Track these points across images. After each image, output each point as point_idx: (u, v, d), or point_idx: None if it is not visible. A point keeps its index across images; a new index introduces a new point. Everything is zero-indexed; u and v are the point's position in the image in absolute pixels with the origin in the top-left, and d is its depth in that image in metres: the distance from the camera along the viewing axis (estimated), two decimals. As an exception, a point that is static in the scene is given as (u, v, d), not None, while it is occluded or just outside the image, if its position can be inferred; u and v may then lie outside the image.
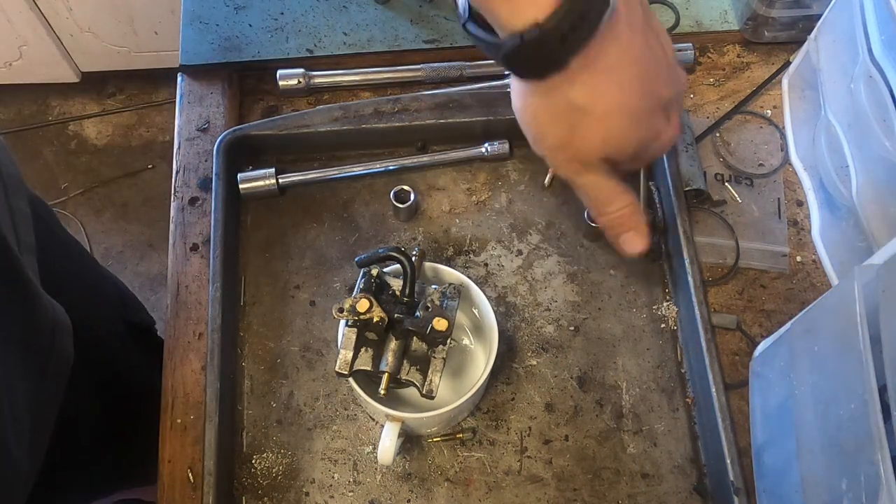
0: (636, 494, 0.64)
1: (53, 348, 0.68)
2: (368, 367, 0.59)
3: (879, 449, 0.42)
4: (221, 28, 0.82)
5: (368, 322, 0.58)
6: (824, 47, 0.71)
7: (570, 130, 0.53)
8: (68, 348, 0.70)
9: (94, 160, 2.02)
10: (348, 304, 0.57)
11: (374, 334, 0.59)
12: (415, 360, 0.59)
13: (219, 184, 0.72)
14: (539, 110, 0.53)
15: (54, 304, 0.69)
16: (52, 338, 0.68)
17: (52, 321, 0.68)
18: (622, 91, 0.51)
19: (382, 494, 0.65)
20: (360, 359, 0.59)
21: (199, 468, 0.64)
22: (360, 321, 0.57)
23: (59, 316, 0.70)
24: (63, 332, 0.70)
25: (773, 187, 0.75)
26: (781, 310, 0.70)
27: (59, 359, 0.69)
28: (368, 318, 0.57)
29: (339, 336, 0.60)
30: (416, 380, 0.59)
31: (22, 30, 1.77)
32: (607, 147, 0.54)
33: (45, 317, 0.67)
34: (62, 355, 0.69)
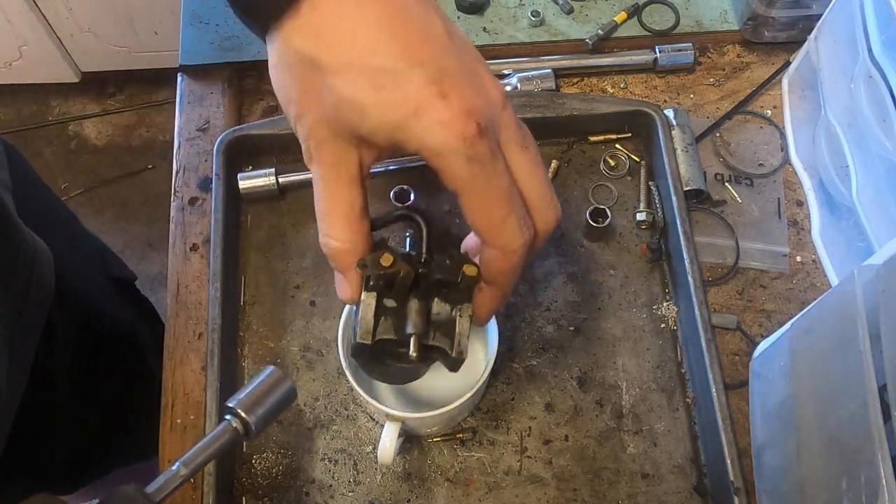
0: (636, 494, 0.64)
1: (33, 277, 0.67)
2: (392, 336, 0.51)
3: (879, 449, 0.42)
4: (221, 28, 0.82)
5: (392, 280, 0.50)
6: (824, 47, 0.71)
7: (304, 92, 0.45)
8: (49, 278, 0.69)
9: (94, 160, 2.03)
10: (370, 259, 0.50)
11: (393, 301, 0.52)
12: (438, 325, 0.53)
13: (219, 184, 0.72)
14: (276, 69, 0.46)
15: (34, 236, 0.68)
16: (32, 267, 0.67)
17: (32, 250, 0.67)
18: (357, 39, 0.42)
19: (382, 494, 0.65)
20: (381, 328, 0.51)
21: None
22: (383, 280, 0.50)
23: (39, 246, 0.68)
24: (43, 263, 0.69)
25: (773, 187, 0.75)
26: (781, 310, 0.70)
27: (39, 288, 0.68)
28: (393, 272, 0.50)
29: (339, 336, 0.60)
30: (444, 344, 0.52)
31: (22, 30, 1.77)
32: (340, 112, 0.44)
33: (24, 245, 0.66)
34: (42, 285, 0.68)
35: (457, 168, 0.44)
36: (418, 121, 0.42)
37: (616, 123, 0.77)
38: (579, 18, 0.82)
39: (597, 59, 0.80)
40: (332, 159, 0.46)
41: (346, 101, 0.43)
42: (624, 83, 0.80)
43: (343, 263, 0.49)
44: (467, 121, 0.43)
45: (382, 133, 0.44)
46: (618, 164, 0.76)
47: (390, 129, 0.43)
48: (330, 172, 0.46)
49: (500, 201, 0.46)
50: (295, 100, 0.45)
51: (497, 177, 0.45)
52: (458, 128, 0.42)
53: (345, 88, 0.42)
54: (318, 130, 0.45)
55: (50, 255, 0.70)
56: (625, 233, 0.74)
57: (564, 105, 0.75)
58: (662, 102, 0.79)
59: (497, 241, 0.47)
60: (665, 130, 0.73)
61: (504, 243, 0.47)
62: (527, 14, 0.82)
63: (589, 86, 0.80)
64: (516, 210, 0.47)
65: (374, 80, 0.42)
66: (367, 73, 0.42)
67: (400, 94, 0.42)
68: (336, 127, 0.44)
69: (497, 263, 0.48)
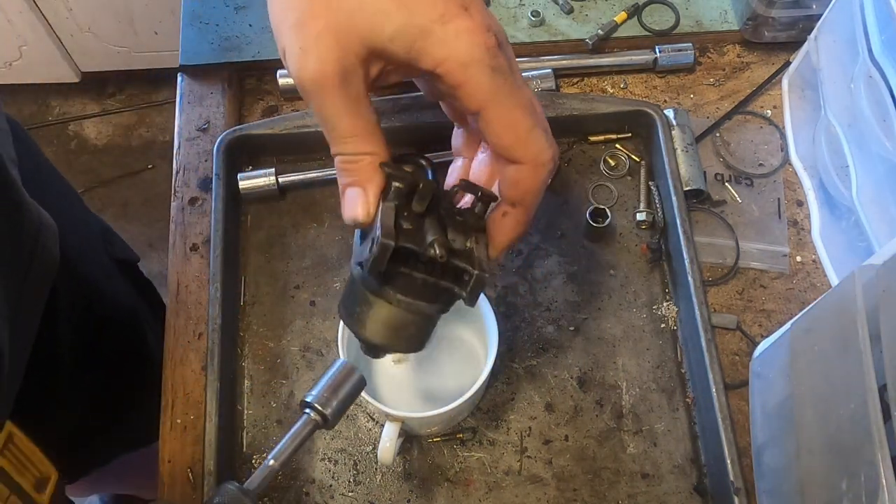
0: (636, 494, 0.64)
1: (38, 248, 0.67)
2: (413, 245, 0.46)
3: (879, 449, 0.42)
4: (221, 28, 0.82)
5: (412, 191, 0.47)
6: (824, 47, 0.71)
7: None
8: (53, 251, 0.69)
9: (94, 160, 2.03)
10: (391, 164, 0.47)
11: (409, 224, 0.47)
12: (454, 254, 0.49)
13: (219, 184, 0.72)
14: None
15: (39, 209, 0.68)
16: (37, 238, 0.67)
17: (38, 222, 0.67)
18: None
19: (382, 494, 0.65)
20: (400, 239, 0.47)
21: (199, 468, 0.64)
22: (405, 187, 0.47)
23: (44, 219, 0.68)
24: (48, 235, 0.68)
25: (773, 187, 0.75)
26: (781, 310, 0.70)
27: (43, 259, 0.68)
28: (415, 179, 0.47)
29: (339, 336, 0.60)
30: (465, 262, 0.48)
31: (22, 30, 1.77)
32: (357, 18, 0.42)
33: (29, 216, 0.66)
34: (47, 256, 0.68)
35: (482, 78, 0.43)
36: (444, 27, 0.42)
37: (616, 123, 0.77)
38: (579, 18, 0.82)
39: (597, 59, 0.80)
40: (340, 70, 0.43)
41: (367, 3, 0.41)
42: (624, 83, 0.80)
43: (364, 175, 0.47)
44: (488, 34, 0.43)
45: (403, 40, 0.42)
46: (618, 164, 0.76)
47: (414, 35, 0.42)
48: (338, 84, 0.43)
49: (526, 111, 0.45)
50: (299, 6, 0.43)
51: (519, 88, 0.45)
52: (481, 38, 0.43)
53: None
54: (324, 39, 0.42)
55: (55, 229, 0.70)
56: (625, 233, 0.74)
57: (564, 105, 0.75)
58: (662, 102, 0.79)
59: (527, 153, 0.46)
60: (665, 130, 0.73)
61: (534, 154, 0.46)
62: (527, 14, 0.82)
63: (589, 86, 0.80)
64: (541, 121, 0.46)
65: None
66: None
67: (422, 11, 0.42)
68: (347, 36, 0.42)
69: (526, 180, 0.47)
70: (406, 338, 0.49)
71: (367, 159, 0.46)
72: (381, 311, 0.48)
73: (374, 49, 0.43)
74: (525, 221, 0.49)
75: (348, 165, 0.47)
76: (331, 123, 0.46)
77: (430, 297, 0.48)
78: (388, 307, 0.48)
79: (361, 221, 0.47)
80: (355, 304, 0.49)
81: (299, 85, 0.44)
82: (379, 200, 0.47)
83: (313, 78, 0.43)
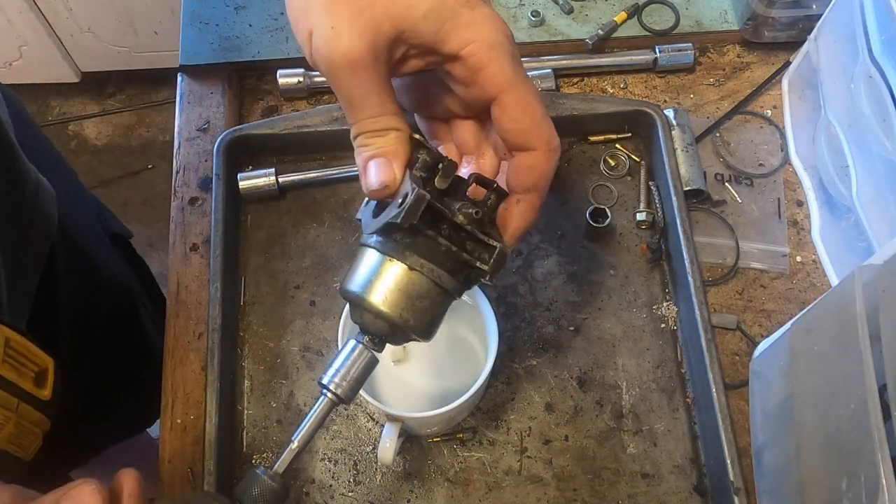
0: (636, 494, 0.64)
1: (37, 208, 0.68)
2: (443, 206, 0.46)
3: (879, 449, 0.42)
4: (221, 28, 0.82)
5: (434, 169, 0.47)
6: (824, 47, 0.71)
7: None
8: (51, 213, 0.70)
9: (94, 160, 2.03)
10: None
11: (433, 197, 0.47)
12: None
13: (219, 184, 0.72)
14: None
15: (37, 172, 0.69)
16: (36, 199, 0.68)
17: (36, 184, 0.68)
18: None
19: (382, 494, 0.65)
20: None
21: (199, 468, 0.64)
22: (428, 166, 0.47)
23: (42, 182, 0.70)
24: (46, 198, 0.69)
25: (773, 187, 0.75)
26: (781, 310, 0.70)
27: (41, 221, 0.69)
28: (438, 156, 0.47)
29: (340, 336, 0.60)
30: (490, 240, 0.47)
31: (22, 30, 1.77)
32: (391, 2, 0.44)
33: (28, 178, 0.67)
34: (45, 217, 0.69)
35: (503, 62, 0.45)
36: (472, 11, 0.44)
37: (616, 123, 0.77)
38: (579, 18, 0.82)
39: (597, 59, 0.80)
40: (372, 50, 0.44)
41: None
42: (624, 83, 0.80)
43: (391, 146, 0.47)
44: (505, 25, 0.46)
45: (436, 19, 0.44)
46: (618, 164, 0.76)
47: (445, 16, 0.44)
48: (370, 63, 0.44)
49: (538, 98, 0.47)
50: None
51: (529, 78, 0.47)
52: (502, 26, 0.46)
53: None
54: (358, 19, 0.43)
55: (52, 192, 0.71)
56: (625, 233, 0.74)
57: (564, 105, 0.75)
58: (662, 102, 0.79)
59: (541, 138, 0.47)
60: (665, 130, 0.73)
61: (547, 139, 0.48)
62: (527, 14, 0.82)
63: (589, 86, 0.80)
64: (547, 112, 0.48)
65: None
66: None
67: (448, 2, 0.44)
68: (381, 15, 0.43)
69: (540, 165, 0.48)
70: (420, 310, 0.47)
71: (394, 133, 0.47)
72: (400, 276, 0.47)
73: (403, 30, 0.44)
74: (538, 207, 0.50)
75: (373, 139, 0.47)
76: (360, 103, 0.46)
77: (452, 268, 0.47)
78: (407, 272, 0.46)
79: (389, 187, 0.47)
80: (369, 273, 0.47)
81: (328, 64, 0.45)
82: (404, 170, 0.47)
83: (346, 58, 0.44)
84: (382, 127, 0.47)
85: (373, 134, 0.47)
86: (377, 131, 0.47)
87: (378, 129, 0.47)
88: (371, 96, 0.46)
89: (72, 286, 0.80)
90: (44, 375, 0.59)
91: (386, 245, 0.47)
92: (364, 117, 0.47)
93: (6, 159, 0.66)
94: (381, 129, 0.47)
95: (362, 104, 0.46)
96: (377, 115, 0.46)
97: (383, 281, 0.47)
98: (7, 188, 0.65)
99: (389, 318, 0.47)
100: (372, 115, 0.46)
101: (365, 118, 0.47)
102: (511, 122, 0.47)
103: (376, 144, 0.47)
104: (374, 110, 0.46)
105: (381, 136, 0.47)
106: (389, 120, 0.47)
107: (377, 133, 0.47)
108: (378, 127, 0.47)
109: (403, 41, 0.45)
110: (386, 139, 0.47)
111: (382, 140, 0.47)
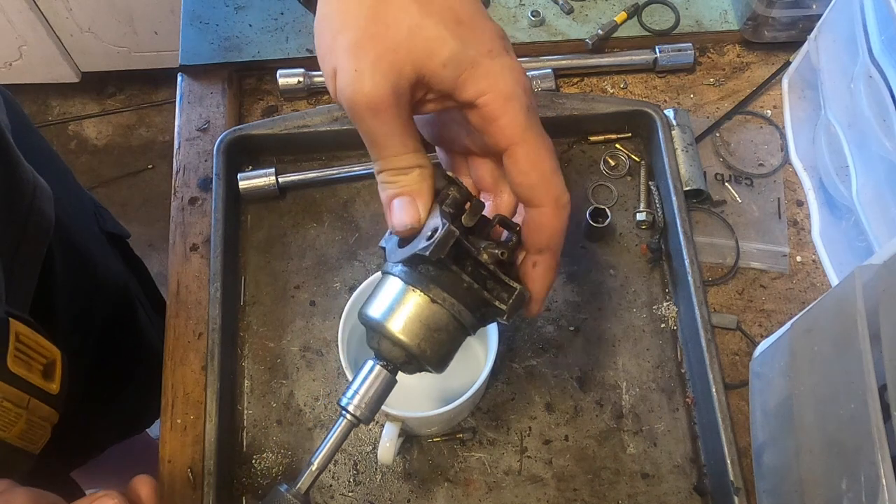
0: (636, 494, 0.64)
1: (34, 207, 0.68)
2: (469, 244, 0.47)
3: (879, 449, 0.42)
4: (221, 28, 0.82)
5: (461, 207, 0.48)
6: (824, 47, 0.71)
7: (371, 19, 0.44)
8: (48, 212, 0.71)
9: (94, 160, 2.03)
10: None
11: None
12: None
13: (219, 184, 0.72)
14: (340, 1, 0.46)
15: (34, 172, 0.70)
16: (33, 198, 0.69)
17: (33, 184, 0.69)
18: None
19: (382, 494, 0.65)
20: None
21: (199, 468, 0.64)
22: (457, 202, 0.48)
23: (39, 182, 0.70)
24: (43, 197, 0.70)
25: (773, 187, 0.75)
26: (781, 310, 0.70)
27: (38, 220, 0.69)
28: (467, 193, 0.48)
29: (340, 336, 0.60)
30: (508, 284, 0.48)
31: (22, 30, 1.77)
32: (413, 42, 0.44)
33: (25, 177, 0.68)
34: (42, 216, 0.70)
35: (518, 114, 0.45)
36: (492, 61, 0.45)
37: (616, 123, 0.77)
38: (579, 18, 0.82)
39: (597, 59, 0.80)
40: (394, 93, 0.45)
41: (424, 29, 0.44)
42: (624, 83, 0.80)
43: (415, 185, 0.48)
44: (525, 77, 0.46)
45: (455, 67, 0.44)
46: (618, 164, 0.76)
47: (465, 64, 0.44)
48: (392, 106, 0.45)
49: (550, 153, 0.47)
50: (355, 26, 0.44)
51: (544, 132, 0.47)
52: (521, 78, 0.46)
53: (426, 18, 0.44)
54: (381, 62, 0.44)
55: (49, 191, 0.72)
56: (625, 233, 0.74)
57: (564, 105, 0.75)
58: (662, 102, 0.79)
59: (550, 193, 0.47)
60: (665, 130, 0.73)
61: (556, 195, 0.48)
62: (527, 14, 0.82)
63: (589, 86, 0.80)
64: (559, 167, 0.48)
65: (455, 16, 0.45)
66: (449, 10, 0.45)
67: (478, 35, 0.45)
68: (403, 59, 0.44)
69: (550, 223, 0.48)
70: (437, 342, 0.48)
71: (417, 171, 0.48)
72: (421, 307, 0.48)
73: (423, 74, 0.45)
74: (555, 266, 0.50)
75: (396, 177, 0.48)
76: (382, 142, 0.47)
77: (472, 305, 0.48)
78: (429, 304, 0.48)
79: (414, 227, 0.48)
80: (390, 301, 0.48)
81: (351, 105, 0.45)
82: (430, 208, 0.48)
83: (369, 100, 0.44)
84: (406, 165, 0.47)
85: (397, 172, 0.48)
86: (401, 169, 0.48)
87: (402, 167, 0.47)
88: (394, 136, 0.46)
89: (69, 285, 0.80)
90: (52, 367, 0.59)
91: (410, 276, 0.48)
92: (388, 155, 0.47)
93: (4, 160, 0.66)
94: (404, 166, 0.47)
95: (385, 143, 0.47)
96: (400, 154, 0.47)
97: (404, 310, 0.48)
98: (4, 189, 0.65)
99: (407, 347, 0.48)
100: (395, 153, 0.47)
101: (389, 156, 0.47)
102: (520, 176, 0.47)
103: (400, 182, 0.48)
104: (397, 149, 0.47)
105: (404, 174, 0.48)
106: (413, 158, 0.47)
107: (401, 171, 0.48)
108: (402, 165, 0.47)
109: (423, 84, 0.46)
110: (410, 177, 0.48)
111: (406, 178, 0.48)
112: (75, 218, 0.86)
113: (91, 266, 0.88)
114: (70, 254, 0.81)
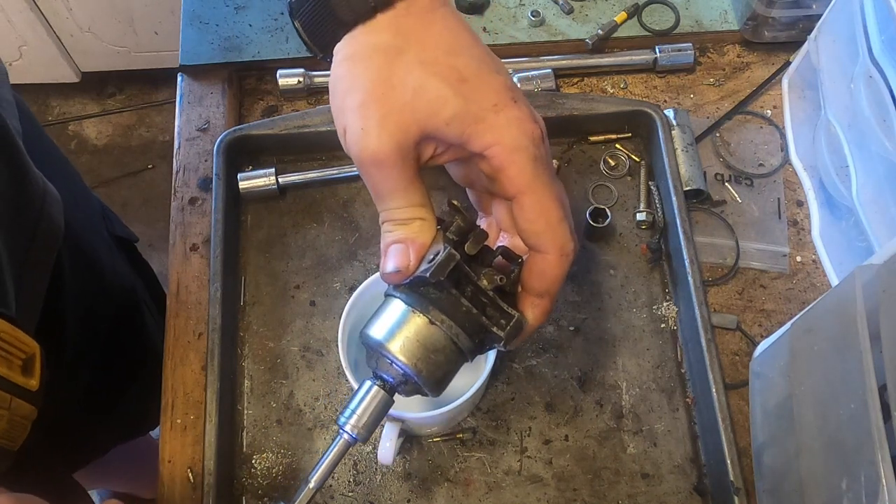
0: (636, 494, 0.64)
1: (43, 213, 0.69)
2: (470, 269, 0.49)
3: (879, 449, 0.42)
4: (221, 28, 0.82)
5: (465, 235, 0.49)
6: (824, 47, 0.71)
7: (378, 81, 0.46)
8: (58, 218, 0.71)
9: (94, 160, 2.03)
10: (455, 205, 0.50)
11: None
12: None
13: (219, 184, 0.72)
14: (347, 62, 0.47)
15: (44, 178, 0.70)
16: (42, 204, 0.69)
17: (42, 190, 0.70)
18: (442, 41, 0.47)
19: (382, 494, 0.65)
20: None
21: (199, 468, 0.64)
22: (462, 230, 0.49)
23: (48, 188, 0.71)
24: (53, 203, 0.71)
25: (773, 187, 0.75)
26: (781, 310, 0.70)
27: (48, 227, 0.70)
28: (470, 225, 0.50)
29: (340, 336, 0.60)
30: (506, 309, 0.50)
31: (22, 30, 1.77)
32: (418, 101, 0.46)
33: (35, 184, 0.68)
34: (52, 222, 0.70)
35: (524, 164, 0.47)
36: (497, 115, 0.46)
37: (616, 123, 0.77)
38: (579, 18, 0.82)
39: (597, 59, 0.80)
40: (398, 151, 0.46)
41: (428, 90, 0.45)
42: (624, 83, 0.80)
43: (412, 234, 0.49)
44: (534, 125, 0.47)
45: (458, 125, 0.46)
46: (618, 164, 0.76)
47: (469, 121, 0.46)
48: (396, 163, 0.47)
49: (557, 202, 0.48)
50: (363, 88, 0.46)
51: (553, 180, 0.48)
52: (529, 128, 0.47)
53: (429, 78, 0.45)
54: (385, 122, 0.46)
55: (59, 197, 0.72)
56: (625, 233, 0.74)
57: (564, 105, 0.75)
58: (662, 102, 0.79)
59: (554, 242, 0.49)
60: (665, 130, 0.73)
61: (560, 244, 0.49)
62: (527, 14, 0.82)
63: (589, 86, 0.80)
64: (568, 215, 0.49)
65: (459, 75, 0.46)
66: (452, 69, 0.46)
67: (482, 90, 0.46)
68: (408, 119, 0.46)
69: (551, 269, 0.49)
70: (434, 363, 0.50)
71: (418, 223, 0.50)
72: (420, 328, 0.49)
73: (428, 132, 0.47)
74: (549, 311, 0.52)
75: (397, 227, 0.50)
76: (386, 196, 0.49)
77: (470, 329, 0.49)
78: (427, 325, 0.49)
79: (402, 272, 0.50)
80: (390, 321, 0.50)
81: (359, 161, 0.48)
82: (421, 258, 0.50)
83: (373, 157, 0.47)
84: (408, 217, 0.49)
85: (398, 222, 0.50)
86: (402, 220, 0.49)
87: (403, 219, 0.49)
88: (397, 190, 0.48)
89: (76, 289, 0.81)
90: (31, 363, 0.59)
91: (411, 297, 0.50)
92: (390, 207, 0.49)
93: (15, 167, 0.67)
94: (406, 218, 0.49)
95: (388, 196, 0.49)
96: (402, 207, 0.49)
97: (403, 330, 0.49)
98: (14, 196, 0.66)
99: (404, 366, 0.49)
100: (398, 206, 0.49)
101: (391, 208, 0.49)
102: (526, 223, 0.48)
103: (399, 232, 0.50)
104: (400, 202, 0.49)
105: (405, 224, 0.50)
106: (415, 211, 0.49)
107: (402, 222, 0.50)
108: (403, 217, 0.49)
109: (433, 140, 0.48)
110: (409, 227, 0.49)
111: (406, 228, 0.49)
112: (84, 222, 0.87)
113: (98, 270, 0.88)
114: (78, 258, 0.81)
